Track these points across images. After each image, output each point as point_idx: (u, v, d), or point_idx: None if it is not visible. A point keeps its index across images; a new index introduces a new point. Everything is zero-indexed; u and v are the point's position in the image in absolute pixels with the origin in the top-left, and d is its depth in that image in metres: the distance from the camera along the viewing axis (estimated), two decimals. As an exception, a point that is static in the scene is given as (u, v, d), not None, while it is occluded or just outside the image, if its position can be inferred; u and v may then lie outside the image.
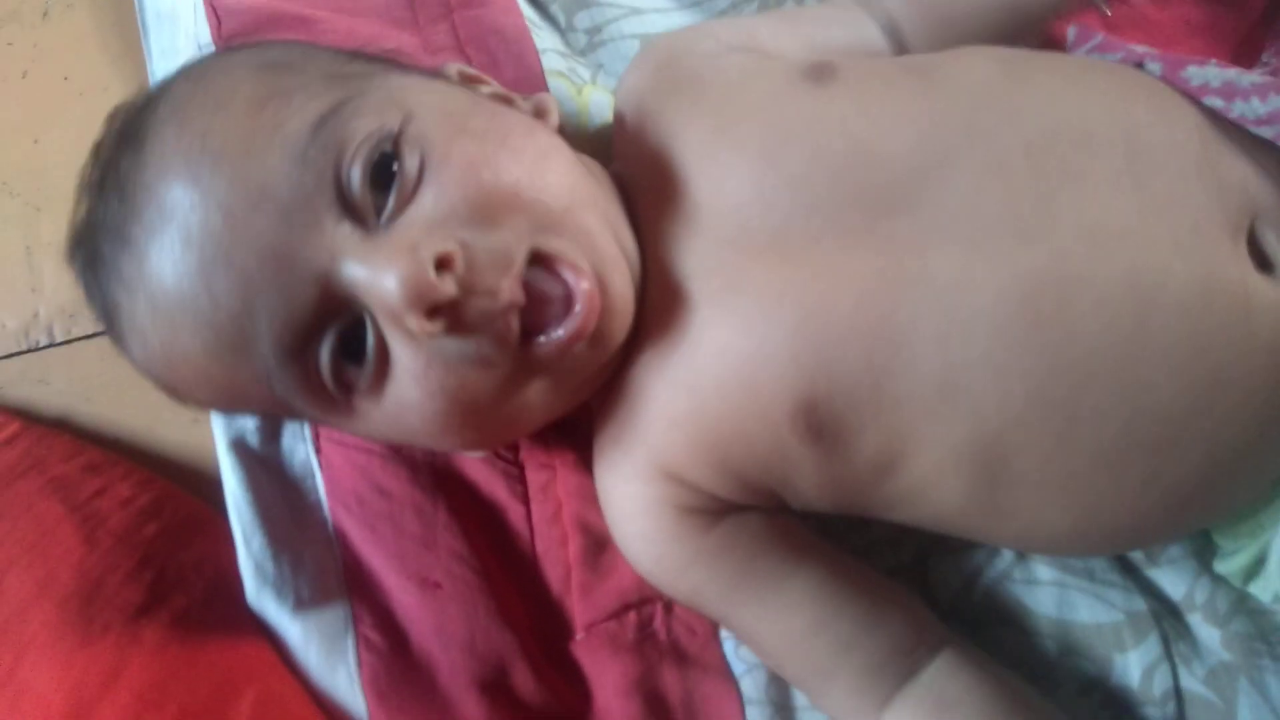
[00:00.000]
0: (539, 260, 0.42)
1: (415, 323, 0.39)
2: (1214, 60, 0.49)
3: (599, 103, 0.64)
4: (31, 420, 0.62)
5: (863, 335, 0.43)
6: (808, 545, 0.50)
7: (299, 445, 0.58)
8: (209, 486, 0.57)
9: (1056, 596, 0.54)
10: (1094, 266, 0.42)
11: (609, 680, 0.54)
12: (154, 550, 0.53)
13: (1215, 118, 0.47)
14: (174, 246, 0.41)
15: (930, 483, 0.45)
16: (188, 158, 0.41)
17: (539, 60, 0.64)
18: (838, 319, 0.43)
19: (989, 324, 0.42)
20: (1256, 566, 0.51)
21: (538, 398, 0.45)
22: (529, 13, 0.68)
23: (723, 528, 0.48)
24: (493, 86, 0.52)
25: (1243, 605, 0.53)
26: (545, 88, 0.63)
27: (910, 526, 0.49)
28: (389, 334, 0.42)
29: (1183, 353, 0.42)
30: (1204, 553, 0.54)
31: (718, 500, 0.48)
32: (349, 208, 0.41)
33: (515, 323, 0.42)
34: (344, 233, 0.41)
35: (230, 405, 0.51)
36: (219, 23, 0.64)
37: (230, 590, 0.53)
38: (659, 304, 0.47)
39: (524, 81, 0.63)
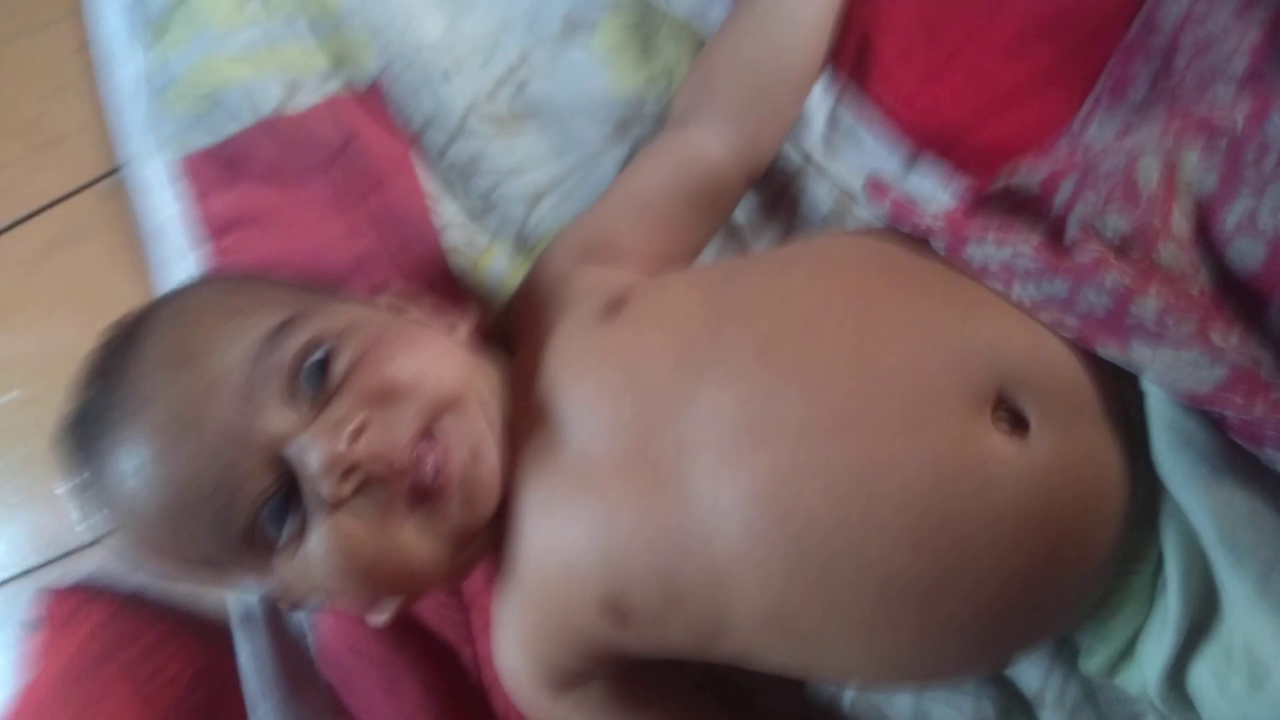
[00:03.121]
0: (429, 435, 0.52)
1: (329, 486, 0.49)
2: (992, 235, 0.51)
3: (496, 270, 0.73)
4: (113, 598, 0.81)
5: (643, 544, 0.50)
6: (650, 703, 0.59)
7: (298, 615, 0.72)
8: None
9: (912, 705, 0.61)
10: (818, 459, 0.46)
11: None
12: (198, 715, 0.71)
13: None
14: (144, 428, 0.51)
15: (747, 647, 0.52)
16: (165, 357, 0.52)
17: (439, 240, 0.73)
18: (624, 533, 0.51)
19: (740, 523, 0.48)
20: (1122, 659, 0.53)
21: (426, 549, 0.53)
22: (432, 186, 0.75)
23: (575, 692, 0.58)
24: (414, 312, 0.61)
25: (1093, 698, 0.59)
26: (447, 268, 0.72)
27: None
28: (309, 501, 0.51)
29: (918, 529, 0.45)
30: (1061, 649, 0.59)
31: (566, 670, 0.57)
32: (289, 399, 0.51)
33: (405, 485, 0.51)
34: (284, 418, 0.51)
35: (173, 568, 0.58)
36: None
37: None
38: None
39: (427, 263, 0.72)
